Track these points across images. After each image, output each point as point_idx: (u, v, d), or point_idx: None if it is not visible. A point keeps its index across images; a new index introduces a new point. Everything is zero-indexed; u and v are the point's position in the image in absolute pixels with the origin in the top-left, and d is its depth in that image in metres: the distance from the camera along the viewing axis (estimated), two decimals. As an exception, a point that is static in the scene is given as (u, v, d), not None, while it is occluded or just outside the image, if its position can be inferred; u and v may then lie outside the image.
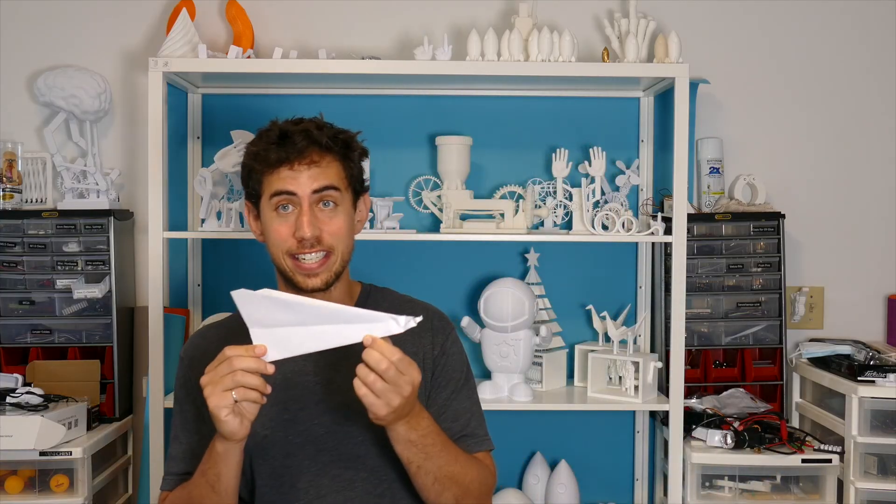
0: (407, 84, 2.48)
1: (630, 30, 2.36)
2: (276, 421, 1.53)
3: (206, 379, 1.32)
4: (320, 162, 1.50)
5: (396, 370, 1.30)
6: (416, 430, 1.40)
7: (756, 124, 2.64)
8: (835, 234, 2.66)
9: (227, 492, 1.43)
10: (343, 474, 1.52)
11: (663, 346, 2.43)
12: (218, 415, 1.31)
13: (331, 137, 1.52)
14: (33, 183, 2.53)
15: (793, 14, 2.63)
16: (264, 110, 2.53)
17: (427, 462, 1.43)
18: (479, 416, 1.61)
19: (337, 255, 1.52)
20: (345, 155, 1.55)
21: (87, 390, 2.36)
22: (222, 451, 1.38)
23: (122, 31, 2.57)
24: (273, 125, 1.53)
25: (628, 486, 2.62)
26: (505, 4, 2.57)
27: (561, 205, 2.49)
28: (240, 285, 1.34)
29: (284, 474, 1.52)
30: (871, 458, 2.26)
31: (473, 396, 1.62)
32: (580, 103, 2.57)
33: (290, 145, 1.49)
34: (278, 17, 2.57)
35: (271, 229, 1.52)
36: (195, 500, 1.45)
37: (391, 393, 1.30)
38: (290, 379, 1.53)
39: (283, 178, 1.49)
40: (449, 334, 1.63)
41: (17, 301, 2.40)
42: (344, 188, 1.53)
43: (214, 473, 1.41)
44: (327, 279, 1.52)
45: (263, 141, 1.52)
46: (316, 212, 1.50)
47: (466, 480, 1.48)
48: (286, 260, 1.51)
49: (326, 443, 1.52)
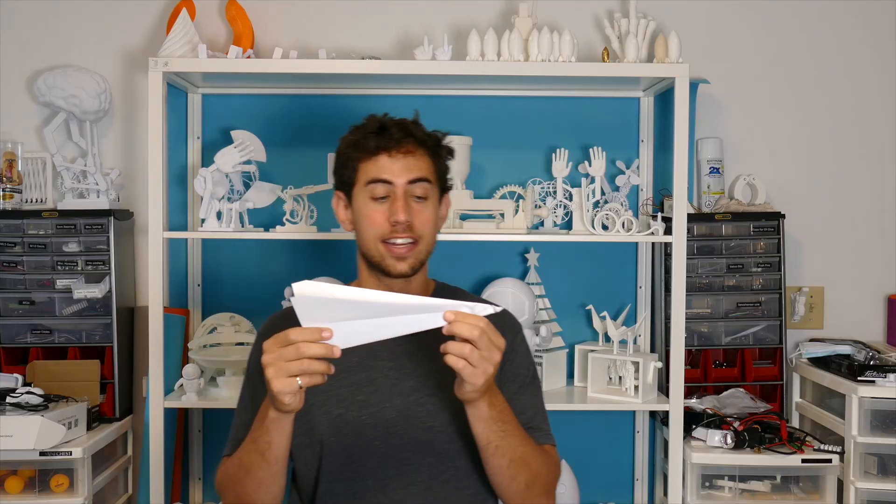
0: (407, 84, 2.48)
1: (630, 30, 2.36)
2: (350, 401, 1.57)
3: (270, 359, 1.33)
4: (415, 153, 1.59)
5: (487, 337, 1.33)
6: (496, 406, 1.44)
7: (756, 124, 2.64)
8: (835, 234, 2.66)
9: (276, 460, 1.46)
10: (411, 458, 1.56)
11: (663, 346, 2.43)
12: (281, 399, 1.33)
13: (425, 133, 1.62)
14: (33, 183, 2.53)
15: (793, 14, 2.63)
16: (264, 110, 2.54)
17: (504, 441, 1.46)
18: (543, 413, 1.66)
19: (423, 244, 1.60)
20: (435, 152, 1.63)
21: (87, 390, 2.35)
22: (275, 419, 1.41)
23: (122, 31, 2.57)
24: (371, 118, 1.63)
25: (628, 486, 2.62)
26: (505, 4, 2.57)
27: (561, 205, 2.49)
28: (240, 285, 1.34)
29: (355, 454, 1.56)
30: (871, 458, 2.26)
31: (538, 394, 1.67)
32: (580, 103, 2.57)
33: (388, 135, 1.58)
34: (278, 17, 2.57)
35: (364, 215, 1.58)
36: (245, 465, 1.49)
37: (485, 361, 1.34)
38: (365, 362, 1.58)
39: (381, 166, 1.57)
40: (518, 333, 1.68)
41: (17, 301, 2.40)
42: (434, 182, 1.62)
43: (266, 441, 1.44)
44: (413, 265, 1.59)
45: (362, 131, 1.60)
46: (409, 201, 1.57)
47: (536, 465, 1.52)
48: (378, 246, 1.58)
49: (396, 426, 1.56)
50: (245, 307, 2.52)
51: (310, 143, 2.53)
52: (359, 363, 1.57)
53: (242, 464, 1.49)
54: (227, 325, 2.45)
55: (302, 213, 2.33)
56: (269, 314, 2.50)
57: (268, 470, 1.47)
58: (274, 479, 1.48)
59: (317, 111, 2.54)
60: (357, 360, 1.53)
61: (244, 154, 2.31)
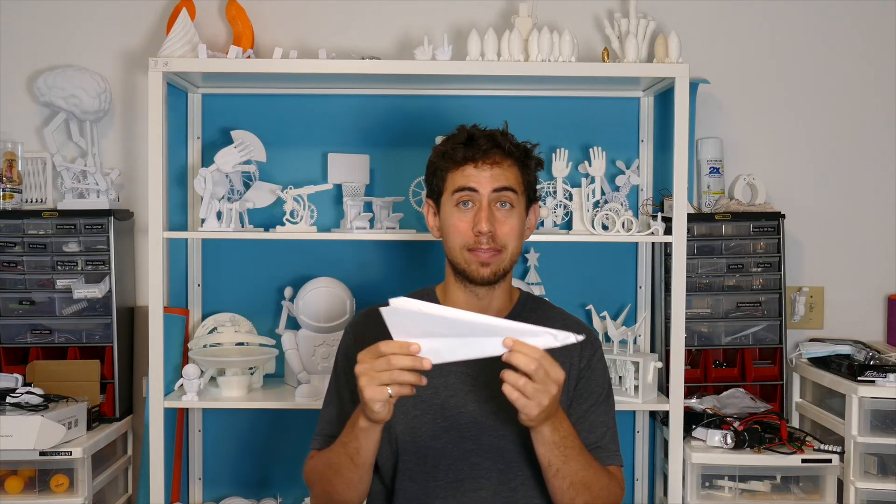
0: (407, 84, 2.48)
1: (630, 30, 2.36)
2: (427, 404, 1.63)
3: (362, 370, 1.40)
4: (502, 164, 1.63)
5: (544, 370, 1.36)
6: (559, 432, 1.49)
7: (756, 124, 2.64)
8: (835, 234, 2.66)
9: (364, 464, 1.54)
10: (482, 463, 1.61)
11: (663, 346, 2.43)
12: (372, 406, 1.40)
13: (513, 144, 1.66)
14: (33, 183, 2.53)
15: (793, 14, 2.63)
16: (264, 110, 2.54)
17: (565, 466, 1.51)
18: (614, 433, 1.69)
19: (507, 253, 1.64)
20: (523, 162, 1.67)
21: (87, 390, 2.35)
22: (365, 428, 1.48)
23: (122, 31, 2.57)
24: (461, 129, 1.67)
25: (628, 486, 2.61)
26: (505, 4, 2.57)
27: (561, 205, 2.49)
28: (240, 285, 1.35)
29: (428, 454, 1.62)
30: (871, 458, 2.26)
31: (611, 413, 1.71)
32: (580, 103, 2.56)
33: (475, 146, 1.62)
34: (278, 17, 2.57)
35: (450, 224, 1.64)
36: (334, 467, 1.57)
37: (541, 393, 1.37)
38: (444, 367, 1.60)
39: (467, 176, 1.62)
40: (597, 350, 1.72)
41: (17, 301, 2.40)
42: (520, 192, 1.65)
43: (355, 447, 1.51)
44: (496, 271, 1.63)
45: (451, 141, 1.66)
46: (494, 210, 1.62)
47: (597, 488, 1.57)
48: (463, 253, 1.63)
49: (470, 431, 1.61)
50: (245, 307, 2.52)
51: (310, 143, 2.53)
52: (437, 368, 1.59)
53: (332, 464, 1.57)
54: (227, 325, 2.45)
55: (302, 213, 2.33)
56: (268, 314, 2.55)
57: (356, 472, 1.55)
58: (361, 479, 1.57)
59: (317, 111, 2.54)
60: (437, 365, 1.56)
61: (244, 154, 2.31)
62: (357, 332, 1.72)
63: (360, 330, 1.71)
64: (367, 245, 2.53)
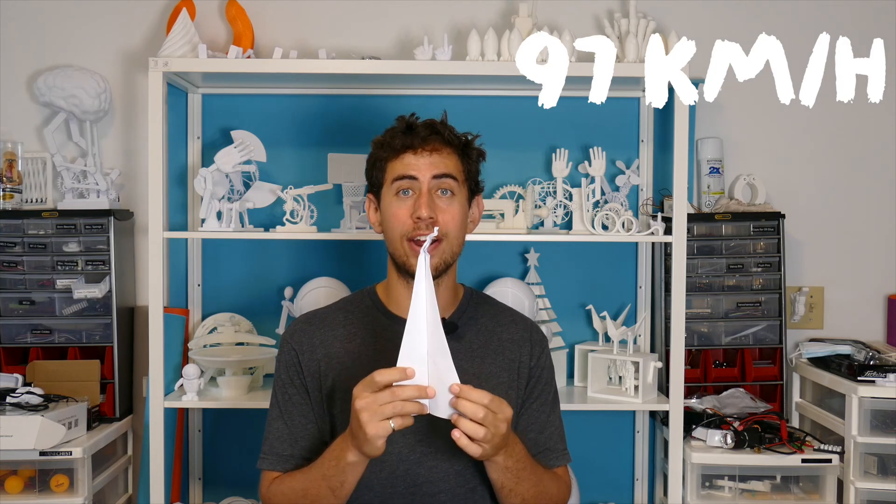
0: (407, 84, 2.48)
1: (630, 30, 2.36)
2: None
3: (363, 405, 1.35)
4: (441, 151, 1.61)
5: (492, 414, 1.35)
6: (512, 458, 1.48)
7: (756, 124, 2.64)
8: (835, 234, 2.66)
9: (346, 496, 1.50)
10: (439, 465, 1.58)
11: (663, 346, 2.43)
12: (374, 443, 1.36)
13: (452, 133, 1.65)
14: (33, 183, 2.53)
15: (793, 14, 2.63)
16: (264, 110, 2.54)
17: (518, 486, 1.52)
18: (562, 431, 1.70)
19: (447, 243, 1.59)
20: (464, 151, 1.65)
21: (87, 390, 2.36)
22: (355, 462, 1.44)
23: (122, 31, 2.57)
24: (400, 119, 1.65)
25: (628, 486, 2.62)
26: (505, 4, 2.57)
27: (561, 205, 2.49)
28: (240, 285, 1.35)
29: (386, 459, 1.54)
30: (871, 458, 2.26)
31: (557, 411, 1.71)
32: (580, 103, 2.54)
33: (414, 134, 1.61)
34: (278, 17, 2.57)
35: (390, 213, 1.60)
36: (311, 496, 1.51)
37: (490, 435, 1.36)
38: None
39: (406, 164, 1.59)
40: (545, 349, 1.72)
41: (17, 301, 2.40)
42: (461, 181, 1.63)
43: (339, 480, 1.47)
44: (437, 264, 1.58)
45: (390, 132, 1.64)
46: (434, 198, 1.59)
47: (546, 498, 1.57)
48: (403, 244, 1.58)
49: (427, 435, 1.57)
50: (245, 307, 2.52)
51: (310, 143, 2.53)
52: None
53: (308, 494, 1.51)
54: (227, 325, 2.45)
55: (302, 213, 2.33)
56: (268, 314, 2.55)
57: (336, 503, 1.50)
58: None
59: (317, 111, 2.54)
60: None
61: (244, 154, 2.31)
62: (297, 340, 1.65)
63: (300, 338, 1.65)
64: (367, 245, 2.53)
